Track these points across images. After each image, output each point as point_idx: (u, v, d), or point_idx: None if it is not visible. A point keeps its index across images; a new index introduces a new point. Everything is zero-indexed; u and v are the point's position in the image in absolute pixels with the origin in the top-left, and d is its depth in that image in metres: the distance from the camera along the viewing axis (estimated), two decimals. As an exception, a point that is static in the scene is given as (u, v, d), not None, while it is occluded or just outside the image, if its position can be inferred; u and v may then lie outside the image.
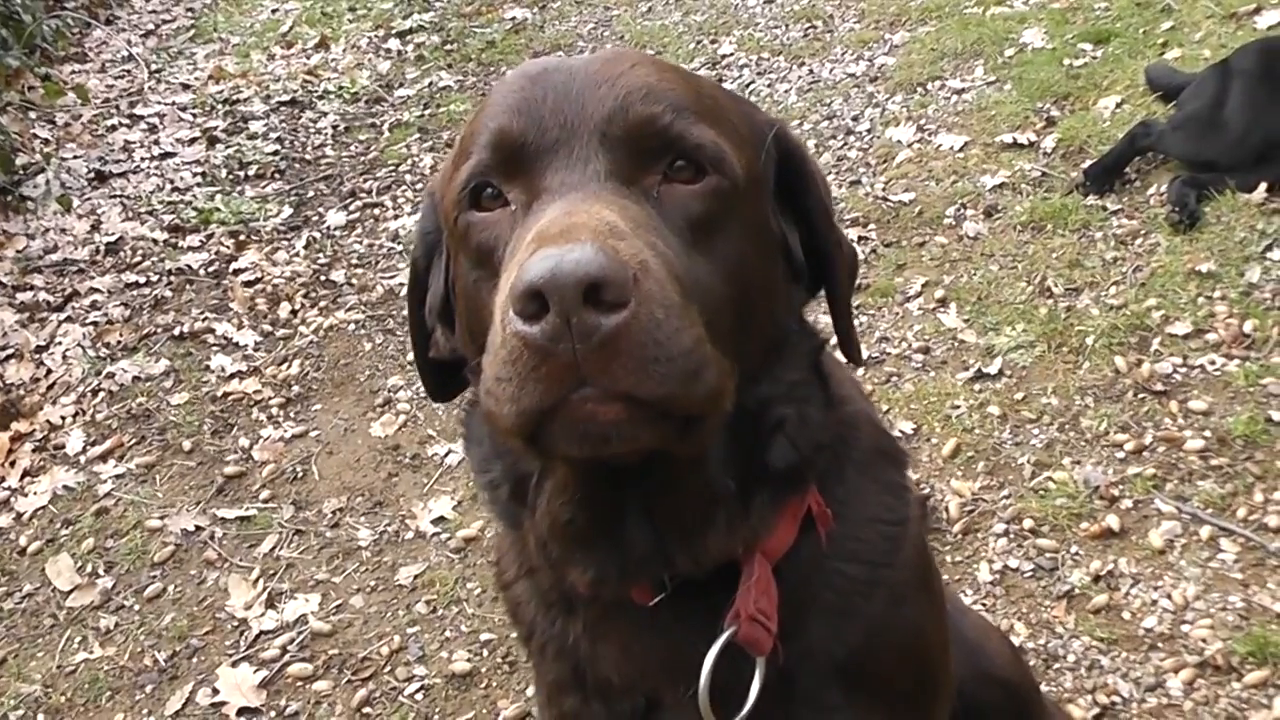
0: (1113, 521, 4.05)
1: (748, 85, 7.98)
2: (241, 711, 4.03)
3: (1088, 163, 6.03)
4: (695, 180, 1.68)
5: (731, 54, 8.64)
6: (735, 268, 1.68)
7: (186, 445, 5.36)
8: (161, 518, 4.93)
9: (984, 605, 3.90)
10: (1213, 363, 4.63)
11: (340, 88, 9.10)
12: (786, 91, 7.86)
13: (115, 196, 7.66)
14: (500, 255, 1.65)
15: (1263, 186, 5.51)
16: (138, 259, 6.93)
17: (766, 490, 1.81)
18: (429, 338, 2.07)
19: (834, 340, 2.04)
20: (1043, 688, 3.48)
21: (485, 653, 4.08)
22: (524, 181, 1.67)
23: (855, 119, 7.29)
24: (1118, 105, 6.58)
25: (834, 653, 1.95)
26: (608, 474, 1.71)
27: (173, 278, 6.72)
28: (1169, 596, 3.78)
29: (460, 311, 1.87)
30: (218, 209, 7.30)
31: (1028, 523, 4.14)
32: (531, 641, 2.10)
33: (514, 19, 10.20)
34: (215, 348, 6.06)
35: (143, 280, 6.71)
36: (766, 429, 1.80)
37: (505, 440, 1.67)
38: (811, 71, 8.10)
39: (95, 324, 6.34)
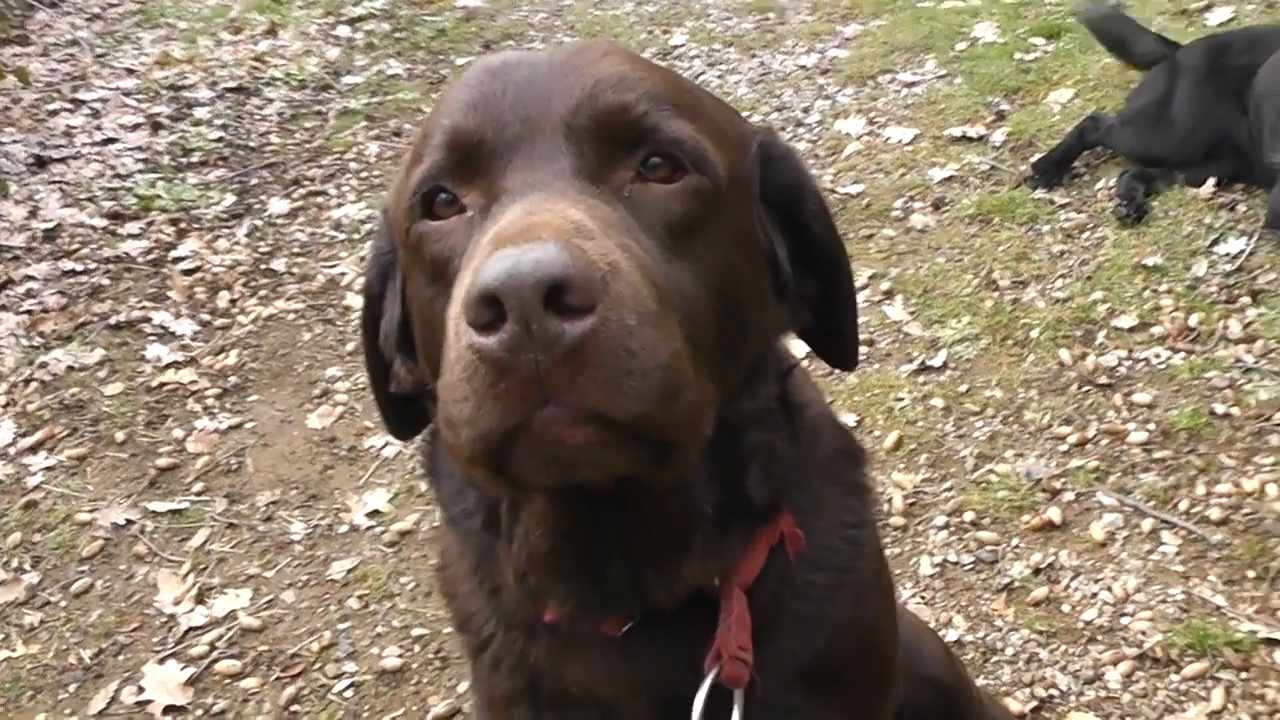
0: (1054, 514, 4.04)
1: (699, 76, 7.94)
2: (168, 710, 3.93)
3: (1036, 157, 6.05)
4: (673, 179, 1.53)
5: (683, 45, 8.63)
6: (719, 277, 1.54)
7: (119, 437, 5.25)
8: (91, 511, 4.81)
9: (923, 598, 3.86)
10: (1158, 356, 4.62)
11: (288, 74, 8.98)
12: (737, 83, 7.84)
13: (55, 182, 7.51)
14: (457, 266, 1.49)
15: (1211, 181, 5.54)
16: (76, 246, 6.80)
17: (742, 521, 1.73)
18: (388, 370, 1.89)
19: (806, 351, 1.97)
20: (980, 681, 3.46)
21: (417, 649, 4.00)
22: (482, 184, 1.53)
23: (805, 111, 7.29)
24: (1068, 100, 6.61)
25: (799, 659, 1.89)
26: (585, 502, 1.59)
27: (111, 265, 6.60)
28: (1109, 589, 3.76)
29: (418, 335, 1.71)
30: (159, 196, 7.17)
31: (969, 515, 4.11)
32: (483, 654, 2.00)
33: (465, 7, 10.14)
34: (152, 337, 5.94)
35: (80, 268, 6.58)
36: (744, 456, 1.70)
37: (467, 471, 1.48)
38: (763, 63, 8.09)
39: (30, 312, 6.20)
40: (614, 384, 1.27)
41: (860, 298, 5.28)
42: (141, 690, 4.00)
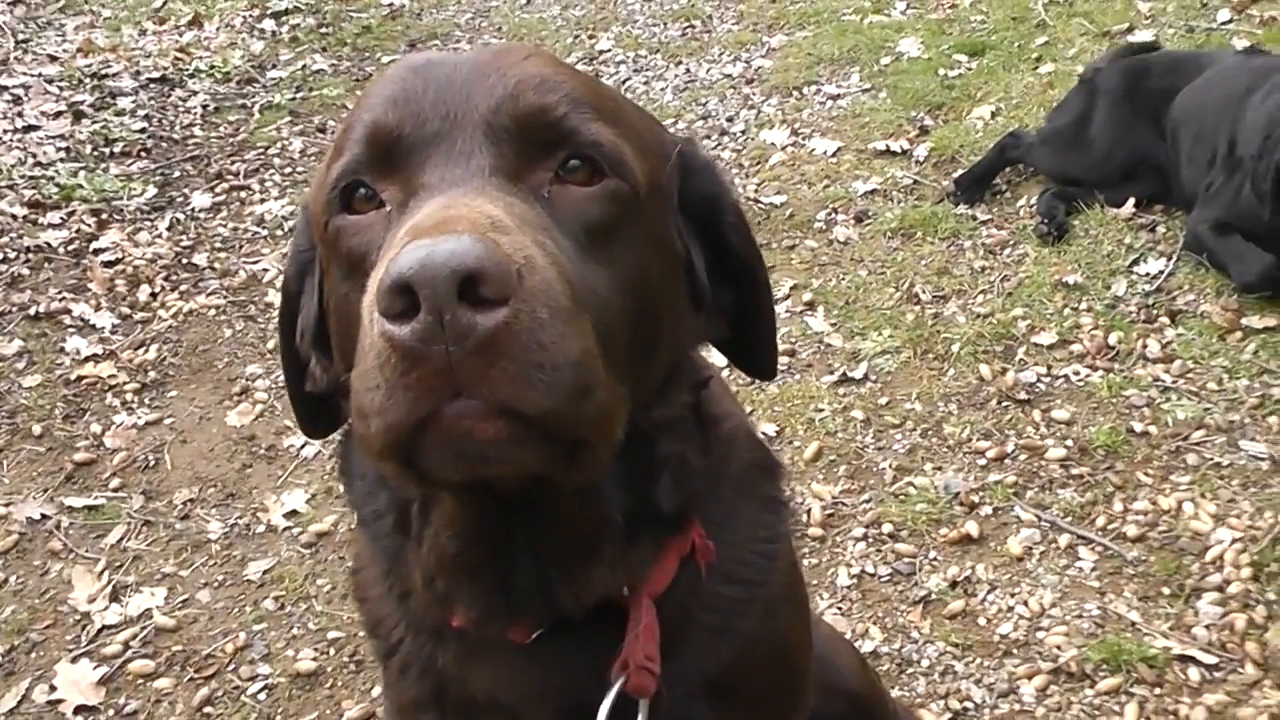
0: (972, 528, 4.07)
1: (624, 82, 7.96)
2: (79, 710, 3.88)
3: (959, 172, 6.11)
4: (591, 182, 1.54)
5: (609, 50, 8.64)
6: (634, 281, 1.55)
7: (37, 430, 5.18)
8: (6, 505, 4.74)
9: (840, 609, 3.88)
10: (1077, 373, 4.68)
11: (212, 67, 8.90)
12: (663, 90, 7.85)
13: (-27, 170, 7.42)
14: (373, 260, 1.47)
15: (1130, 202, 5.61)
16: (-6, 235, 6.71)
17: (652, 530, 1.73)
18: (304, 369, 1.88)
19: (726, 362, 1.97)
20: (895, 693, 3.48)
21: (332, 651, 3.97)
22: (400, 179, 1.52)
23: (730, 120, 7.32)
24: (990, 116, 6.67)
25: (706, 671, 1.89)
26: (495, 504, 1.59)
27: (30, 255, 6.50)
28: (1025, 603, 3.80)
29: (334, 330, 1.70)
30: (80, 186, 7.07)
31: (887, 527, 4.14)
32: (392, 659, 1.99)
33: (391, 5, 10.10)
34: (71, 329, 5.87)
35: (-1, 257, 6.50)
36: (655, 464, 1.71)
37: (377, 464, 1.46)
38: (688, 71, 8.12)
39: (-54, 301, 6.12)
40: (525, 377, 1.27)
41: (782, 308, 5.32)
42: (53, 689, 3.95)
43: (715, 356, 2.03)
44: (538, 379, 1.28)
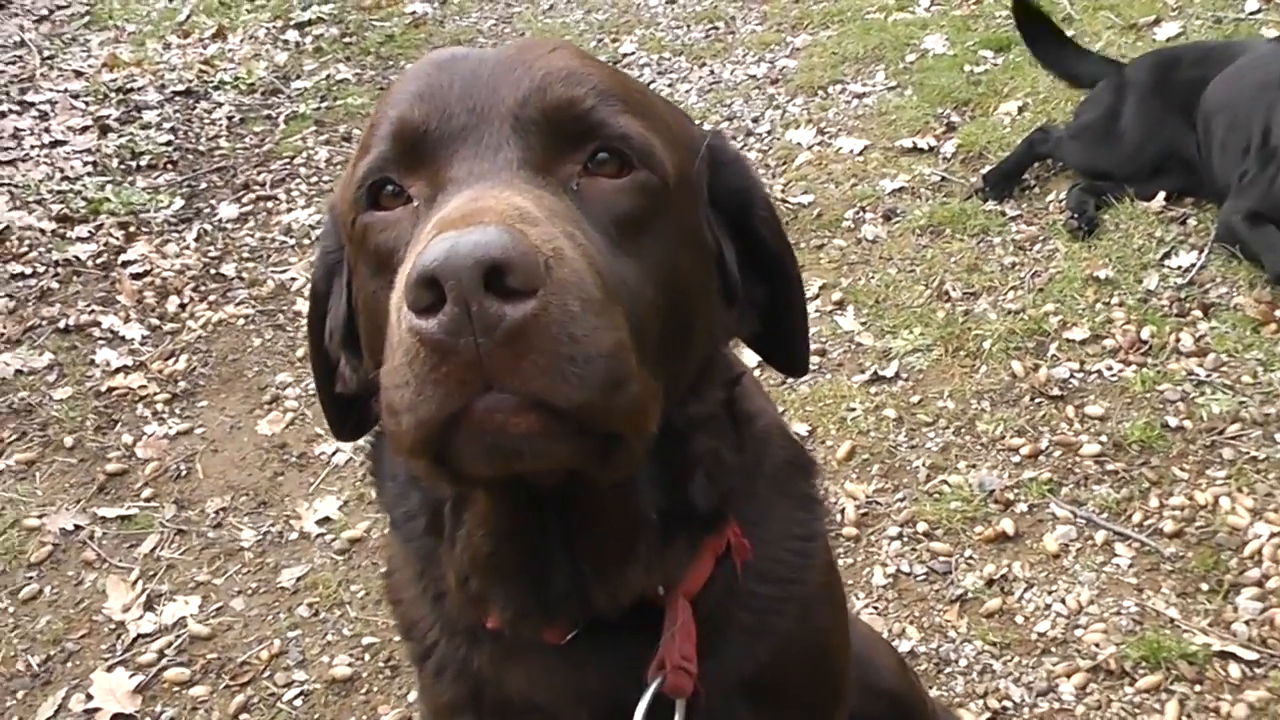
0: (1007, 525, 4.04)
1: (649, 84, 7.91)
2: (116, 718, 3.89)
3: (987, 168, 6.07)
4: (620, 174, 1.52)
5: (633, 53, 8.61)
6: (665, 274, 1.53)
7: (68, 441, 5.19)
8: (40, 516, 4.75)
9: (876, 609, 3.87)
10: (1110, 368, 4.64)
11: (236, 78, 8.91)
12: (687, 92, 7.84)
13: (2, 185, 7.41)
14: (401, 256, 1.46)
15: (1161, 195, 5.56)
16: (24, 249, 6.71)
17: (687, 528, 1.71)
18: (334, 371, 1.87)
19: (758, 361, 1.95)
20: (933, 693, 3.46)
21: (367, 657, 3.97)
22: (427, 174, 1.51)
23: (755, 120, 7.29)
24: (1018, 112, 6.63)
25: (743, 670, 1.88)
26: (529, 502, 1.58)
27: (59, 269, 6.53)
28: (1063, 601, 3.77)
29: (363, 329, 1.69)
30: (108, 199, 7.10)
31: (922, 526, 4.12)
32: (427, 662, 1.97)
33: (414, 13, 10.08)
34: (101, 341, 5.88)
35: (29, 271, 6.50)
36: (690, 461, 1.69)
37: (409, 462, 1.44)
38: (713, 72, 8.10)
39: (-23, 316, 6.15)
40: (556, 370, 1.25)
41: (812, 308, 5.29)
42: (90, 698, 3.96)
43: (747, 356, 2.01)
44: (569, 371, 1.26)
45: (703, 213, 1.72)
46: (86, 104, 8.62)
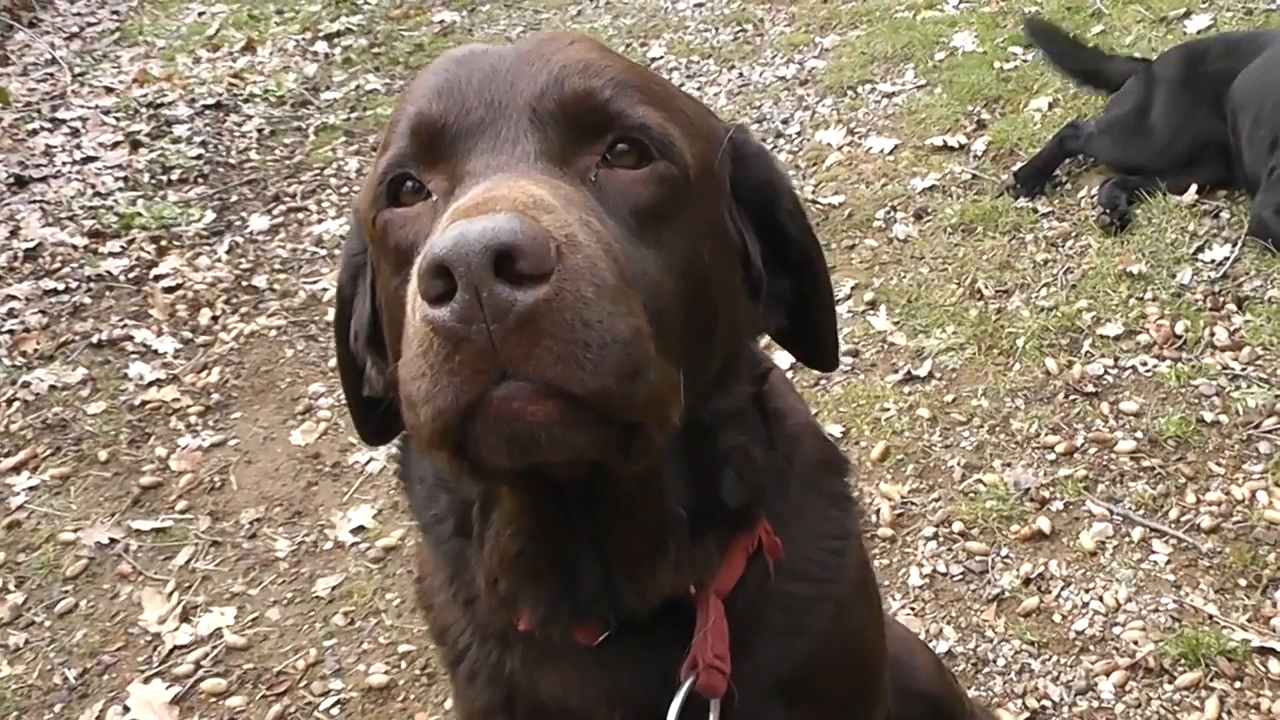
0: (1043, 524, 4.02)
1: (678, 88, 7.90)
2: (153, 729, 3.92)
3: (1018, 165, 6.04)
4: (639, 165, 1.51)
5: (661, 57, 8.61)
6: (686, 265, 1.51)
7: (103, 455, 5.21)
8: (75, 530, 4.77)
9: (913, 609, 3.85)
10: (1144, 364, 4.61)
11: (266, 91, 8.95)
12: (716, 94, 7.82)
13: (35, 201, 7.47)
14: (419, 251, 1.36)
15: (1193, 189, 5.53)
16: (57, 265, 6.75)
17: (717, 526, 1.70)
18: (361, 374, 1.87)
19: (791, 362, 1.94)
20: (972, 693, 3.45)
21: (404, 665, 3.97)
22: (446, 168, 1.51)
23: (785, 122, 7.27)
24: (1048, 108, 6.60)
25: (778, 670, 1.87)
26: (555, 499, 1.57)
27: (92, 284, 6.56)
28: (1100, 599, 3.75)
29: (386, 327, 1.68)
30: (139, 214, 7.13)
31: (957, 526, 4.09)
32: (460, 666, 1.97)
33: (442, 22, 10.11)
34: (134, 355, 5.91)
35: (61, 287, 6.54)
36: (718, 457, 1.68)
37: (431, 455, 1.44)
38: (741, 74, 8.08)
39: (11, 332, 6.16)
40: (571, 356, 1.24)
41: (844, 308, 5.29)
42: (127, 710, 3.97)
43: (781, 358, 1.99)
44: (585, 357, 1.25)
45: (725, 205, 1.70)
46: (117, 120, 8.66)
